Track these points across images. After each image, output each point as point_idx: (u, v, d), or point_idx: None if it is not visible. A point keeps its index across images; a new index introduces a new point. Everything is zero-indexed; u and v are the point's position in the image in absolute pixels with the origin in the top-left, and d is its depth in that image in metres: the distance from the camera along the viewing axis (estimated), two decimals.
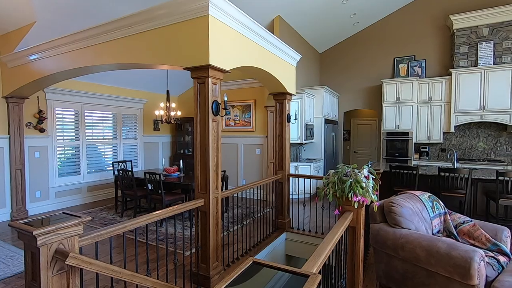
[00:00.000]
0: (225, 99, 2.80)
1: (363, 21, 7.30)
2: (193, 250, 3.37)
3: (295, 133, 6.07)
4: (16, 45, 4.37)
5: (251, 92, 6.52)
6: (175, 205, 2.35)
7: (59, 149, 5.62)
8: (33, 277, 1.33)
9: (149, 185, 4.54)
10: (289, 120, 4.25)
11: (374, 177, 2.16)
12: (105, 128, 6.45)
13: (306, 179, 5.43)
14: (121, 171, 4.90)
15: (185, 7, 2.54)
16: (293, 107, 5.85)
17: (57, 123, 5.57)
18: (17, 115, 4.80)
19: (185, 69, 2.65)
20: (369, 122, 9.00)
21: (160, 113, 5.55)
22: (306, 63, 7.32)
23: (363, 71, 7.80)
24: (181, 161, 5.65)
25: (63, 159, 5.75)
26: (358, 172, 2.08)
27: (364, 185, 2.03)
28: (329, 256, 1.59)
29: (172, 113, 5.57)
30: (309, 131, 6.42)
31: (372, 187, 2.09)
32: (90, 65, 3.32)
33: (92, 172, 6.20)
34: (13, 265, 3.17)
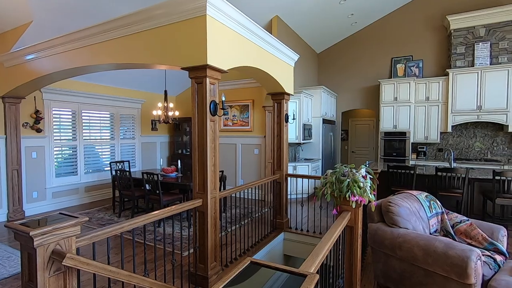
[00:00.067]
0: (223, 99, 2.80)
1: (360, 21, 7.32)
2: (191, 251, 3.36)
3: (293, 133, 6.08)
4: (12, 44, 4.34)
5: (249, 92, 6.52)
6: (173, 205, 2.34)
7: (56, 149, 5.59)
8: (29, 278, 1.33)
9: (147, 186, 4.52)
10: (287, 120, 4.26)
11: (371, 176, 2.16)
12: (102, 128, 6.43)
13: (304, 179, 5.44)
14: (118, 171, 4.88)
15: (183, 7, 2.54)
16: (291, 107, 5.86)
17: (54, 123, 5.54)
18: (14, 115, 4.77)
19: (183, 69, 2.65)
20: (367, 122, 9.03)
21: (158, 113, 5.54)
22: (304, 63, 7.33)
23: (361, 71, 7.82)
24: (179, 161, 5.64)
25: (60, 159, 5.72)
26: (355, 172, 2.08)
27: (361, 184, 2.04)
28: (327, 255, 1.59)
29: (170, 113, 5.56)
30: (307, 131, 6.42)
31: (369, 186, 2.10)
32: (87, 65, 3.30)
33: (90, 173, 6.17)
34: (9, 266, 3.15)
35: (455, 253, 2.05)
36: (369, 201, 2.13)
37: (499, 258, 2.38)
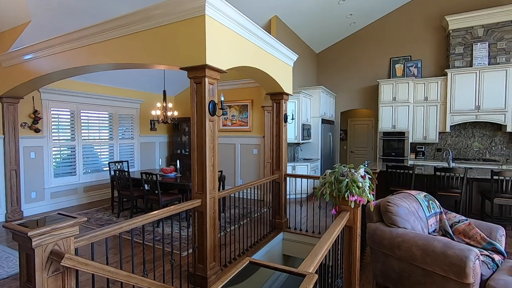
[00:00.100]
0: (222, 99, 2.80)
1: (359, 21, 7.33)
2: (190, 251, 3.36)
3: (292, 133, 6.08)
4: (10, 44, 4.33)
5: (248, 92, 6.52)
6: (172, 206, 2.34)
7: (54, 149, 5.58)
8: (28, 279, 1.32)
9: (145, 186, 4.52)
10: (286, 120, 4.26)
11: (370, 176, 2.17)
12: (101, 128, 6.41)
13: (303, 179, 5.44)
14: (117, 172, 4.87)
15: (182, 7, 2.54)
16: (290, 107, 5.86)
17: (53, 123, 5.52)
18: (12, 115, 4.76)
19: (181, 69, 2.65)
20: (365, 122, 9.04)
21: (156, 113, 5.53)
22: (303, 63, 7.33)
23: (360, 71, 7.83)
24: (178, 161, 5.64)
25: (59, 160, 5.71)
26: (354, 171, 2.08)
27: (360, 184, 2.04)
28: (326, 255, 1.59)
29: (169, 113, 5.55)
30: (306, 131, 6.43)
31: (368, 186, 2.10)
32: (86, 65, 3.30)
33: (88, 173, 6.16)
34: (7, 266, 3.14)
35: (454, 253, 2.06)
36: (368, 201, 2.13)
37: (497, 257, 2.39)
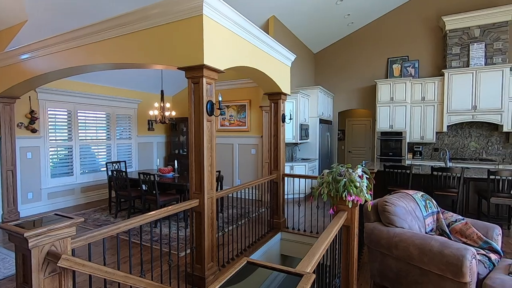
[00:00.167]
0: (220, 99, 2.79)
1: (357, 21, 7.35)
2: (188, 251, 3.35)
3: (290, 133, 6.09)
4: (7, 44, 4.30)
5: (246, 92, 6.52)
6: (169, 206, 2.33)
7: (51, 149, 5.55)
8: (24, 280, 1.31)
9: (143, 186, 4.51)
10: (284, 120, 4.26)
11: (368, 176, 2.17)
12: (98, 128, 6.39)
13: (301, 179, 5.44)
14: (115, 172, 4.85)
15: (179, 6, 2.53)
16: (288, 107, 5.87)
17: (50, 123, 5.49)
18: (8, 115, 4.73)
19: (179, 69, 2.64)
20: (363, 122, 9.07)
21: (154, 113, 5.51)
22: (301, 63, 7.34)
23: (358, 72, 7.85)
24: (175, 161, 5.62)
25: (56, 160, 5.68)
26: (352, 171, 2.09)
27: (358, 184, 2.05)
28: (324, 255, 1.60)
29: (167, 113, 5.54)
30: (304, 131, 6.44)
31: (366, 186, 2.10)
32: (83, 64, 3.28)
33: (86, 173, 6.13)
34: (4, 267, 3.12)
35: (451, 252, 2.07)
36: (366, 201, 2.14)
37: (493, 256, 2.40)
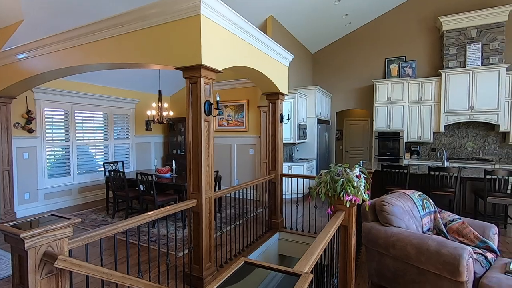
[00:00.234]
0: (218, 99, 2.79)
1: (355, 22, 7.36)
2: (186, 251, 3.35)
3: (288, 133, 6.09)
4: (3, 43, 4.26)
5: (244, 92, 6.52)
6: (167, 206, 2.33)
7: (48, 150, 5.52)
8: (20, 281, 1.30)
9: (141, 186, 4.49)
10: (282, 120, 4.26)
11: (365, 176, 2.18)
12: (96, 128, 6.36)
13: (299, 178, 5.45)
14: (112, 172, 4.83)
15: (177, 6, 2.52)
16: (286, 107, 5.87)
17: (46, 123, 5.46)
18: (5, 115, 4.69)
19: (177, 69, 2.64)
20: (361, 122, 9.09)
21: (152, 113, 5.50)
22: (298, 63, 7.35)
23: (355, 72, 7.87)
24: (173, 161, 5.61)
25: (53, 160, 5.65)
26: (349, 171, 2.09)
27: (355, 184, 2.05)
28: (321, 255, 1.60)
29: (164, 113, 5.52)
30: (302, 131, 6.44)
31: (363, 186, 2.11)
32: (80, 64, 3.26)
33: (83, 173, 6.10)
34: (0, 268, 3.10)
35: (448, 251, 2.08)
36: (363, 201, 2.14)
37: (490, 255, 2.42)
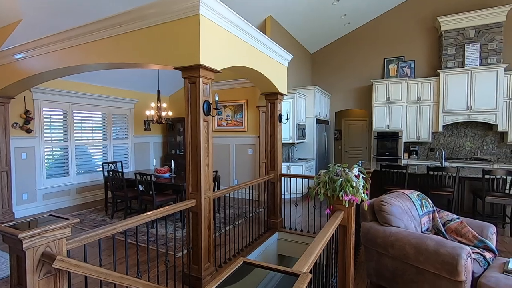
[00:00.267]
0: (217, 99, 2.79)
1: (354, 22, 7.37)
2: (185, 251, 3.34)
3: (287, 133, 6.10)
4: (1, 43, 4.25)
5: (243, 92, 6.52)
6: (166, 206, 2.32)
7: (46, 150, 5.50)
8: (19, 281, 1.30)
9: (140, 186, 4.48)
10: (281, 120, 4.27)
11: (364, 176, 2.18)
12: (94, 128, 6.35)
13: (298, 178, 5.45)
14: (111, 172, 4.82)
15: (176, 6, 2.52)
16: (284, 107, 5.87)
17: (45, 123, 5.45)
18: (3, 115, 4.67)
19: (175, 68, 2.63)
20: (360, 122, 9.11)
21: (151, 113, 5.49)
22: (297, 63, 7.35)
23: (354, 72, 7.88)
24: (172, 161, 5.60)
25: (51, 160, 5.63)
26: (348, 171, 2.10)
27: (354, 184, 2.05)
28: (320, 255, 1.60)
29: (163, 113, 5.52)
30: (301, 131, 6.45)
31: (362, 186, 2.11)
32: (78, 64, 3.26)
33: (81, 173, 6.09)
34: None
35: (446, 251, 2.08)
36: (362, 200, 2.14)
37: (488, 255, 2.42)
